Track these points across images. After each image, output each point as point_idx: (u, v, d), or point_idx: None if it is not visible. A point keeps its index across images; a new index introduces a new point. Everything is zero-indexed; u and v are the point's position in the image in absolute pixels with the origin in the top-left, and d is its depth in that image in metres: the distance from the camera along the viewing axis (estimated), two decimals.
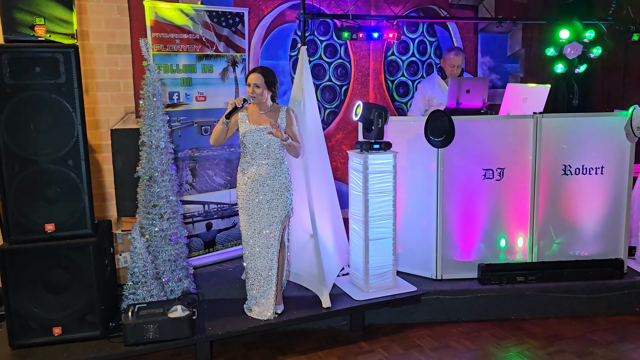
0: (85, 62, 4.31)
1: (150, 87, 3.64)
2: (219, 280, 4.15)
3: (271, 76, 3.38)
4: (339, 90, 5.32)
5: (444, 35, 5.72)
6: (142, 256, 3.46)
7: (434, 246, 4.05)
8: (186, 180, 4.32)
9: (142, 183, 3.73)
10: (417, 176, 4.07)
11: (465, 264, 4.07)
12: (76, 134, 3.08)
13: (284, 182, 3.42)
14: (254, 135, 3.35)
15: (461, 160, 3.97)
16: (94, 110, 4.38)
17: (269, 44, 4.94)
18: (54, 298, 3.15)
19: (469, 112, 4.12)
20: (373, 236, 3.81)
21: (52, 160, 3.06)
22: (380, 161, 3.75)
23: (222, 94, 4.42)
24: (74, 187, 3.12)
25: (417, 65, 5.63)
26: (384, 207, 3.81)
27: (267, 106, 3.43)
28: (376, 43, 5.38)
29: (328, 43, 5.20)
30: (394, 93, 5.56)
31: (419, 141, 3.97)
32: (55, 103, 3.03)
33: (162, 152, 3.68)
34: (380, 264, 3.85)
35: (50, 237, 3.10)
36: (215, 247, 4.57)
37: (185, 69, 4.20)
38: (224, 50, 4.40)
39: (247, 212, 3.43)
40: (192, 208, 4.37)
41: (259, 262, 3.44)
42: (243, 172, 3.45)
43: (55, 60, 3.00)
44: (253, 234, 3.43)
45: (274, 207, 3.40)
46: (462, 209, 4.01)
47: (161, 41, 4.06)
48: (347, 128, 5.38)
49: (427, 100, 4.53)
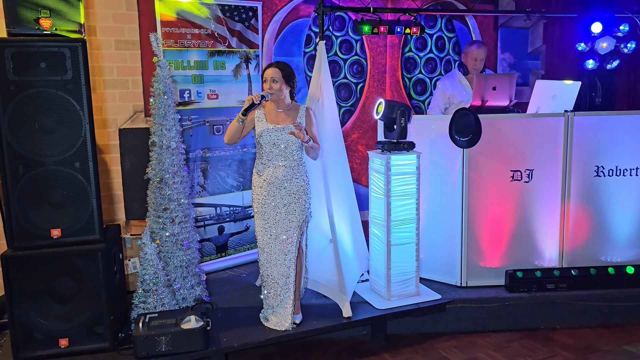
0: (92, 58, 4.13)
1: (161, 84, 3.45)
2: (232, 287, 3.96)
3: (289, 71, 3.19)
4: (354, 87, 5.12)
5: (463, 31, 5.51)
6: (153, 263, 3.27)
7: (459, 251, 3.84)
8: (197, 182, 4.13)
9: (153, 185, 3.54)
10: (440, 177, 3.87)
11: (491, 270, 3.87)
12: (84, 134, 2.90)
13: (302, 185, 3.22)
14: (271, 135, 3.16)
15: (487, 161, 3.76)
16: (102, 109, 4.21)
17: (283, 40, 4.75)
18: (60, 307, 2.97)
19: (495, 110, 3.91)
20: (395, 241, 3.61)
21: (58, 162, 2.88)
22: (403, 162, 3.55)
23: (234, 91, 4.23)
24: (81, 190, 2.93)
25: (435, 62, 5.42)
26: (407, 211, 3.61)
27: (285, 104, 3.24)
28: (393, 39, 5.17)
29: (344, 39, 5.00)
30: (411, 91, 5.35)
31: (442, 141, 3.77)
32: (61, 100, 2.84)
33: (173, 153, 3.49)
34: (402, 271, 3.65)
35: (56, 243, 2.92)
36: (227, 252, 4.38)
37: (197, 66, 4.01)
38: (236, 46, 4.21)
39: (263, 216, 3.24)
40: (204, 211, 4.19)
41: (275, 270, 3.25)
42: (259, 174, 3.25)
43: (61, 55, 2.81)
44: (269, 240, 3.24)
45: (291, 212, 3.21)
46: (488, 212, 3.81)
47: (171, 36, 3.87)
48: (363, 127, 5.18)
49: (447, 98, 4.32)
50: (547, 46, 5.84)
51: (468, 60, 4.23)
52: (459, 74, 4.30)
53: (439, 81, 4.44)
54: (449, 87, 4.30)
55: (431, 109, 4.41)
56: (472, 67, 4.21)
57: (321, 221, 3.62)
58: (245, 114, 3.05)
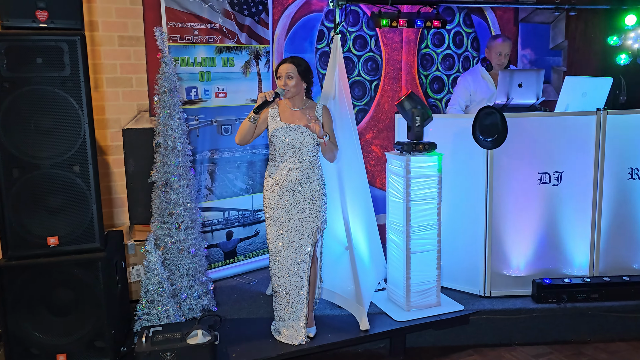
0: (94, 55, 3.94)
1: (167, 81, 3.25)
2: (241, 296, 3.75)
3: (306, 66, 2.97)
4: (368, 85, 4.89)
5: (482, 26, 5.26)
6: (157, 272, 3.07)
7: (482, 258, 3.61)
8: (205, 185, 3.92)
9: (157, 189, 3.34)
10: (462, 180, 3.63)
11: (517, 279, 3.63)
12: (83, 134, 2.69)
13: (318, 190, 3.00)
14: (285, 134, 2.94)
15: (514, 162, 3.53)
16: (104, 108, 4.01)
17: (294, 36, 4.53)
18: (58, 321, 2.77)
19: (520, 109, 3.67)
20: (415, 248, 3.38)
21: (56, 165, 2.68)
22: (424, 164, 3.32)
23: (243, 89, 4.02)
24: (80, 195, 2.73)
25: (453, 58, 5.18)
26: (428, 216, 3.38)
27: (301, 102, 3.02)
28: (409, 34, 4.94)
29: (358, 34, 4.77)
30: (427, 89, 5.12)
31: (465, 141, 3.54)
32: (59, 99, 2.64)
33: (179, 155, 3.29)
34: (422, 280, 3.42)
35: (54, 252, 2.71)
36: (236, 258, 4.17)
37: (204, 62, 3.80)
38: (246, 42, 4.00)
39: (275, 223, 3.02)
40: (211, 215, 3.98)
41: (287, 280, 3.03)
42: (271, 177, 3.04)
43: (58, 50, 2.61)
44: (281, 248, 3.02)
45: (305, 218, 2.99)
46: (514, 218, 3.57)
47: (177, 31, 3.66)
48: (378, 127, 4.95)
49: (468, 95, 4.09)
50: (570, 42, 5.58)
51: (492, 55, 3.99)
52: (481, 69, 4.06)
53: (460, 77, 4.21)
54: (471, 84, 4.06)
55: (451, 107, 4.18)
56: (496, 63, 3.98)
57: (336, 227, 3.40)
58: (257, 112, 2.83)
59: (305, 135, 2.92)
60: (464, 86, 4.09)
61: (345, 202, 3.35)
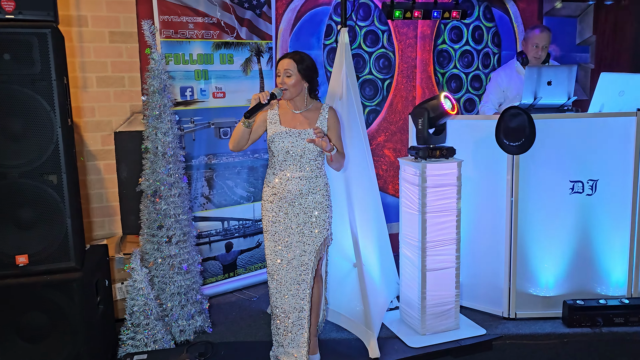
0: (83, 52, 3.66)
1: (156, 79, 2.95)
2: (240, 314, 3.43)
3: (308, 62, 2.63)
4: (380, 84, 4.55)
5: (504, 20, 4.89)
6: (143, 292, 2.76)
7: (506, 276, 3.24)
8: (202, 193, 3.61)
9: (146, 198, 3.04)
10: (484, 189, 3.27)
11: (545, 300, 3.25)
12: (55, 140, 2.39)
13: (321, 201, 2.66)
14: (285, 140, 2.60)
15: (542, 170, 3.16)
16: (94, 110, 3.73)
17: (300, 31, 4.21)
18: (29, 348, 2.47)
19: (549, 109, 3.30)
20: (432, 265, 3.03)
21: (25, 174, 2.38)
22: (442, 172, 2.97)
23: (244, 89, 3.70)
24: (53, 207, 2.43)
25: (472, 55, 4.81)
26: (446, 230, 3.03)
27: (303, 103, 2.68)
28: (425, 29, 4.58)
29: (369, 29, 4.43)
30: (444, 87, 4.75)
31: (487, 146, 3.18)
32: (28, 99, 2.34)
33: (169, 161, 2.99)
34: (440, 301, 3.07)
35: (23, 272, 2.42)
36: (236, 271, 3.85)
37: (200, 60, 3.49)
38: (246, 37, 3.68)
39: (273, 237, 2.69)
40: (209, 225, 3.67)
41: (286, 302, 2.70)
42: (269, 186, 2.71)
43: (27, 44, 2.31)
44: (280, 265, 2.69)
45: (306, 233, 2.65)
46: (542, 231, 3.20)
47: (171, 25, 3.35)
48: (390, 129, 4.60)
49: (502, 92, 3.72)
50: (599, 37, 5.18)
51: (528, 47, 3.63)
52: (517, 64, 3.69)
53: (493, 73, 3.86)
54: (504, 80, 3.70)
55: (483, 105, 3.82)
56: (533, 56, 3.62)
57: (343, 241, 3.06)
58: (249, 116, 2.49)
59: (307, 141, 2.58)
60: (497, 82, 3.74)
61: (353, 213, 3.01)
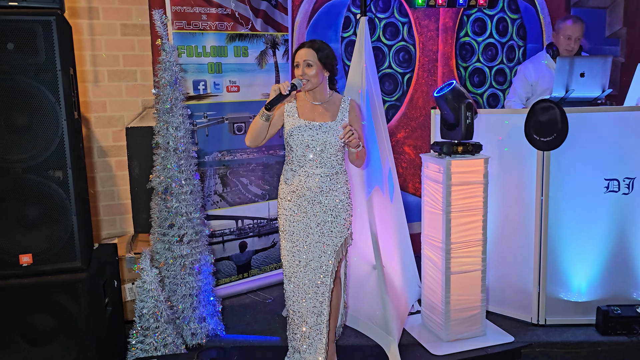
0: (94, 46, 3.55)
1: (167, 72, 2.82)
2: (254, 317, 3.29)
3: (328, 51, 2.47)
4: (400, 79, 4.38)
5: (529, 12, 4.68)
6: (153, 293, 2.63)
7: (535, 279, 3.06)
8: (215, 191, 3.48)
9: (156, 196, 2.92)
10: (511, 187, 3.09)
11: (578, 305, 3.06)
12: (61, 133, 2.27)
13: (342, 200, 2.51)
14: (304, 134, 2.45)
15: (575, 167, 2.97)
16: (105, 105, 3.62)
17: (317, 23, 4.06)
18: (34, 351, 2.35)
19: (582, 102, 3.11)
20: (456, 268, 2.86)
21: (29, 169, 2.26)
22: (467, 169, 2.80)
23: (259, 83, 3.56)
24: (58, 204, 2.31)
25: (496, 48, 4.61)
26: (472, 230, 2.85)
27: (323, 95, 2.53)
28: (447, 21, 4.40)
29: (388, 22, 4.26)
30: (467, 82, 4.57)
31: (515, 141, 3.00)
32: (32, 91, 2.22)
33: (181, 157, 2.86)
34: (465, 305, 2.90)
35: (27, 272, 2.30)
36: (250, 272, 3.72)
37: (214, 52, 3.36)
38: (261, 29, 3.54)
39: (291, 238, 2.54)
40: (223, 224, 3.54)
41: (304, 306, 2.55)
42: (287, 183, 2.56)
43: (31, 32, 2.19)
44: (298, 267, 2.54)
45: (326, 233, 2.50)
46: (574, 232, 3.01)
47: (183, 17, 3.23)
48: (411, 125, 4.43)
49: (530, 86, 3.53)
50: (629, 29, 4.94)
51: (559, 39, 3.44)
52: (546, 56, 3.50)
53: (521, 65, 3.66)
54: (533, 73, 3.51)
55: (509, 100, 3.63)
56: (565, 48, 3.42)
57: (362, 242, 2.91)
58: (270, 108, 2.34)
59: (328, 134, 2.43)
60: (525, 75, 3.55)
61: (373, 214, 2.86)
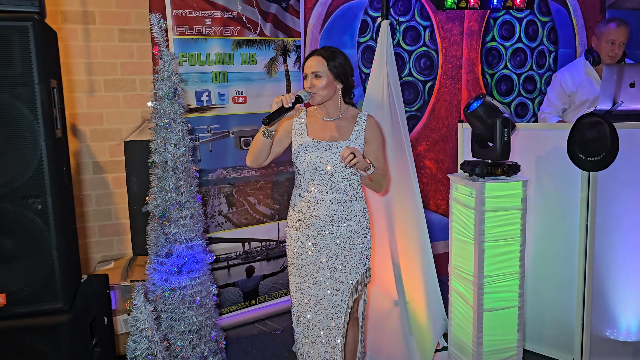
0: (90, 53, 3.28)
1: (165, 83, 2.53)
2: (261, 352, 2.99)
3: (341, 59, 2.16)
4: (421, 87, 4.05)
5: (561, 14, 4.33)
6: (147, 333, 2.32)
7: (578, 315, 2.71)
8: (219, 211, 3.18)
9: (153, 221, 2.62)
10: (551, 213, 2.76)
11: (626, 346, 2.71)
12: (39, 156, 1.98)
13: (358, 230, 2.19)
14: (313, 154, 2.14)
15: (625, 189, 2.62)
16: (102, 117, 3.34)
17: (331, 27, 3.74)
18: None
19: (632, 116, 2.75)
20: (490, 305, 2.52)
21: (4, 196, 1.98)
22: (503, 192, 2.46)
23: (268, 93, 3.26)
24: (37, 236, 2.02)
25: (525, 53, 4.27)
26: (507, 261, 2.51)
27: (336, 109, 2.21)
28: (472, 25, 4.07)
29: (409, 25, 3.94)
30: (493, 90, 4.23)
31: (556, 160, 2.67)
32: (7, 107, 1.94)
33: (180, 177, 2.56)
34: (499, 346, 2.55)
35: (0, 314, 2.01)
36: (258, 299, 3.41)
37: (219, 60, 3.07)
38: (271, 34, 3.24)
39: (299, 272, 2.23)
40: (228, 248, 3.24)
41: (315, 350, 2.24)
42: (294, 209, 2.25)
43: (5, 40, 1.91)
44: (307, 306, 2.22)
45: (339, 268, 2.18)
46: (624, 263, 2.66)
47: (185, 21, 2.94)
48: (432, 137, 4.10)
49: (567, 97, 3.19)
50: None
51: (601, 44, 3.09)
52: (585, 63, 3.16)
53: (557, 73, 3.32)
54: (570, 82, 3.17)
55: (543, 111, 3.29)
56: (607, 54, 3.08)
57: (384, 275, 2.58)
58: (269, 123, 2.03)
59: (338, 155, 2.11)
60: (561, 85, 3.21)
61: (395, 241, 2.54)
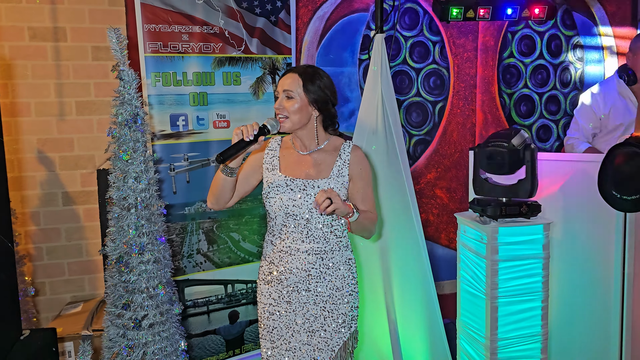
0: (60, 73, 2.99)
1: (125, 107, 2.20)
2: None
3: (322, 83, 1.77)
4: (431, 108, 3.66)
5: (587, 26, 3.91)
6: None
7: None
8: (198, 249, 2.82)
9: (110, 267, 2.27)
10: (579, 259, 2.32)
11: None
12: None
13: (341, 287, 1.80)
14: (284, 196, 1.76)
15: None
16: (72, 143, 3.05)
17: (330, 43, 3.39)
18: None
19: None
20: None
21: None
22: (521, 238, 2.05)
23: (254, 116, 2.90)
24: None
25: (547, 71, 3.85)
26: (527, 321, 2.09)
27: (313, 140, 1.83)
28: (487, 40, 3.68)
29: (416, 40, 3.57)
30: (512, 112, 3.81)
31: (585, 198, 2.24)
32: None
33: (141, 216, 2.21)
34: None
35: None
36: (243, 348, 3.02)
37: (197, 80, 2.73)
38: (258, 51, 2.90)
39: (270, 335, 1.84)
40: (208, 291, 2.87)
41: None
42: (266, 260, 1.87)
43: None
44: None
45: (317, 333, 1.79)
46: None
47: (159, 37, 2.62)
48: (443, 164, 3.69)
49: (599, 120, 2.78)
50: None
51: (637, 61, 2.68)
52: (619, 82, 2.75)
53: (586, 93, 2.91)
54: (602, 103, 2.76)
55: (571, 137, 2.89)
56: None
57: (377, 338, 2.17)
58: (223, 160, 1.66)
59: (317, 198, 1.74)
60: (592, 107, 2.81)
61: (391, 293, 2.13)
